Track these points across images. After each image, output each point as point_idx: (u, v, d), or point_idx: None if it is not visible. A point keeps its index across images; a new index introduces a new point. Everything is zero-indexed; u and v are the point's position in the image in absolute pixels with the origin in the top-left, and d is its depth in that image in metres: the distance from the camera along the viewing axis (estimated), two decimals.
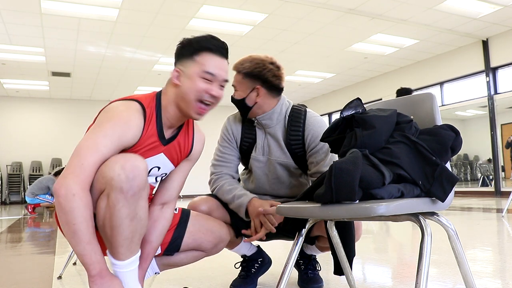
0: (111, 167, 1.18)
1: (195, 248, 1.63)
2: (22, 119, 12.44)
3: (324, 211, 1.15)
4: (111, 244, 1.25)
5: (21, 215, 7.71)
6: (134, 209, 1.21)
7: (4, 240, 4.14)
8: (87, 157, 1.19)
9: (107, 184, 1.18)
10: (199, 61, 1.33)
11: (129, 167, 1.17)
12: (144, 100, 1.36)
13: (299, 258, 2.03)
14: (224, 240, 1.70)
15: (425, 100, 1.42)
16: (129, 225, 1.21)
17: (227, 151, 1.87)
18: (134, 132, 1.29)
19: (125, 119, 1.28)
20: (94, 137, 1.23)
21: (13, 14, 6.59)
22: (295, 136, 1.79)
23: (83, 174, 1.17)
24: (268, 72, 1.74)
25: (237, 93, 1.77)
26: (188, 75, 1.33)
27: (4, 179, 12.07)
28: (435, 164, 1.20)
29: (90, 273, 1.19)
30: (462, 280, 1.31)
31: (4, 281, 2.26)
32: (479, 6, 6.96)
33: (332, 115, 13.36)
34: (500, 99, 8.44)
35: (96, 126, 1.27)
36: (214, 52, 1.35)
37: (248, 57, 1.78)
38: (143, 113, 1.33)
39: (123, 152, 1.28)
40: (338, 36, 8.06)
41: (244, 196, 1.75)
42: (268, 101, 1.78)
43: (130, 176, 1.16)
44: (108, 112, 1.30)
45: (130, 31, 7.50)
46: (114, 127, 1.25)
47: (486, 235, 3.40)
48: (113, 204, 1.18)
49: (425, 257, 1.07)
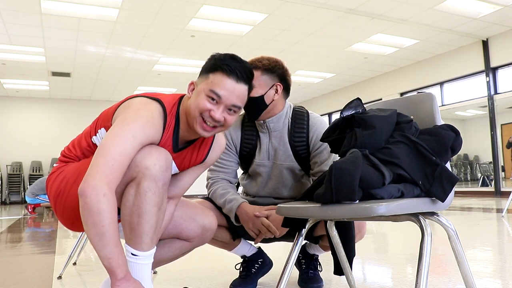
0: (145, 157, 1.21)
1: (177, 236, 1.56)
2: (22, 119, 12.44)
3: (324, 211, 1.15)
4: (135, 234, 1.23)
5: (21, 215, 7.71)
6: (162, 199, 1.24)
7: (4, 240, 4.14)
8: (116, 157, 1.16)
9: (140, 172, 1.20)
10: (211, 79, 1.29)
11: (163, 159, 1.23)
12: (168, 104, 1.34)
13: (301, 257, 2.03)
14: (208, 229, 1.58)
15: (425, 100, 1.42)
16: (156, 213, 1.23)
17: (226, 157, 1.85)
18: (155, 133, 1.29)
19: (151, 121, 1.27)
20: (123, 136, 1.20)
21: (13, 14, 6.60)
22: (299, 138, 1.78)
23: (112, 174, 1.15)
24: (286, 72, 1.76)
25: (255, 90, 1.68)
26: (197, 90, 1.31)
27: (4, 179, 12.07)
28: (435, 164, 1.20)
29: (117, 277, 1.15)
30: (462, 280, 1.31)
31: (4, 281, 2.26)
32: (479, 6, 6.96)
33: (332, 115, 13.36)
34: (500, 99, 8.44)
35: (122, 124, 1.23)
36: (228, 74, 1.28)
37: (263, 56, 1.77)
38: (164, 118, 1.32)
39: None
40: (338, 36, 8.07)
41: (234, 201, 1.74)
42: (281, 102, 1.78)
43: (164, 166, 1.22)
44: (135, 110, 1.28)
45: (130, 31, 7.50)
46: (142, 129, 1.23)
47: (486, 235, 3.40)
48: (145, 191, 1.20)
49: (425, 257, 1.06)
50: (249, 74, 1.32)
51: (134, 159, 1.21)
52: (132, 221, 1.22)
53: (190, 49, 8.41)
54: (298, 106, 1.88)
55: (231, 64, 1.28)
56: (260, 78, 1.71)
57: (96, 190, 1.11)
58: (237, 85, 1.29)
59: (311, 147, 1.78)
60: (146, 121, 1.25)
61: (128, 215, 1.23)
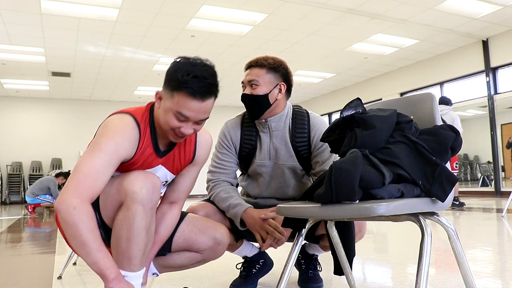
0: (133, 182, 1.27)
1: (187, 249, 1.59)
2: (22, 119, 12.43)
3: (324, 211, 1.15)
4: (124, 256, 1.28)
5: (21, 215, 7.71)
6: (150, 222, 1.29)
7: (4, 240, 4.14)
8: (82, 170, 1.24)
9: (127, 197, 1.25)
10: (176, 100, 1.27)
11: (150, 183, 1.28)
12: (137, 114, 1.38)
13: (300, 257, 2.03)
14: (220, 242, 1.60)
15: (425, 100, 1.42)
16: (145, 236, 1.28)
17: (226, 158, 1.84)
18: (129, 145, 1.33)
19: (119, 132, 1.32)
20: (90, 152, 1.28)
21: (13, 14, 6.59)
22: (301, 138, 1.78)
23: (80, 186, 1.22)
24: (289, 72, 1.77)
25: (259, 88, 1.70)
26: (164, 108, 1.31)
27: (4, 179, 12.07)
28: (435, 164, 1.20)
29: (108, 278, 1.21)
30: (462, 280, 1.31)
31: (4, 281, 2.26)
32: (479, 6, 6.96)
33: (332, 115, 13.36)
34: (500, 99, 8.44)
35: (93, 142, 1.32)
36: (192, 97, 1.26)
37: (267, 55, 1.77)
38: (137, 127, 1.35)
39: (122, 165, 1.34)
40: (338, 36, 8.06)
41: (239, 206, 1.73)
42: (283, 102, 1.79)
43: (150, 190, 1.27)
44: (105, 127, 1.34)
45: (130, 31, 7.50)
46: (108, 141, 1.29)
47: (486, 235, 3.40)
48: (133, 215, 1.25)
49: (425, 257, 1.06)
50: (213, 88, 1.30)
51: (122, 185, 1.28)
52: (121, 245, 1.27)
53: (190, 49, 8.40)
54: (296, 105, 1.88)
55: (194, 86, 1.25)
56: (265, 77, 1.71)
57: (66, 204, 1.19)
58: (203, 104, 1.28)
59: (313, 147, 1.78)
60: (113, 133, 1.31)
61: (117, 238, 1.28)
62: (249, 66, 1.76)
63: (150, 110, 1.40)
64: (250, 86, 1.73)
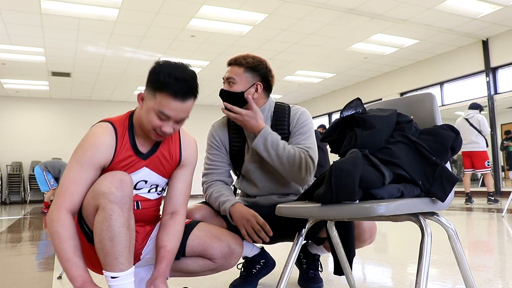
0: (101, 183, 1.31)
1: (201, 254, 1.58)
2: (22, 119, 12.43)
3: (324, 211, 1.15)
4: (110, 257, 1.29)
5: (21, 215, 7.71)
6: (128, 218, 1.31)
7: (4, 240, 4.14)
8: (62, 183, 1.36)
9: (100, 198, 1.29)
10: (158, 99, 1.35)
11: (117, 180, 1.31)
12: (117, 121, 1.46)
13: (302, 256, 2.03)
14: (234, 251, 1.60)
15: (425, 100, 1.42)
16: (126, 233, 1.30)
17: (217, 158, 1.86)
18: (105, 151, 1.39)
19: (93, 140, 1.39)
20: (69, 164, 1.38)
21: (13, 14, 6.60)
22: (281, 130, 1.80)
23: (59, 200, 1.33)
24: (268, 72, 1.81)
25: (236, 86, 1.75)
26: (147, 107, 1.38)
27: (4, 179, 12.07)
28: (435, 164, 1.20)
29: (75, 285, 1.30)
30: (462, 280, 1.31)
31: (4, 281, 2.26)
32: (479, 6, 6.96)
33: (332, 115, 13.36)
34: (500, 99, 8.44)
35: (71, 157, 1.41)
36: (174, 97, 1.34)
37: (248, 54, 1.81)
38: (115, 132, 1.42)
39: (105, 171, 1.40)
40: (338, 36, 8.06)
41: (228, 201, 1.75)
42: (261, 100, 1.82)
43: (119, 187, 1.29)
44: (83, 138, 1.43)
45: (130, 31, 7.50)
46: (83, 151, 1.38)
47: (486, 235, 3.40)
48: (109, 215, 1.27)
49: (425, 257, 1.06)
50: (193, 89, 1.38)
51: (93, 189, 1.33)
52: (106, 247, 1.29)
53: (190, 49, 8.40)
54: (280, 102, 1.91)
55: (175, 87, 1.33)
56: (242, 75, 1.76)
57: (48, 217, 1.33)
58: (184, 104, 1.36)
59: (291, 130, 1.80)
60: (87, 142, 1.39)
61: (100, 241, 1.30)
62: (229, 64, 1.81)
63: (130, 116, 1.49)
64: (228, 83, 1.78)
